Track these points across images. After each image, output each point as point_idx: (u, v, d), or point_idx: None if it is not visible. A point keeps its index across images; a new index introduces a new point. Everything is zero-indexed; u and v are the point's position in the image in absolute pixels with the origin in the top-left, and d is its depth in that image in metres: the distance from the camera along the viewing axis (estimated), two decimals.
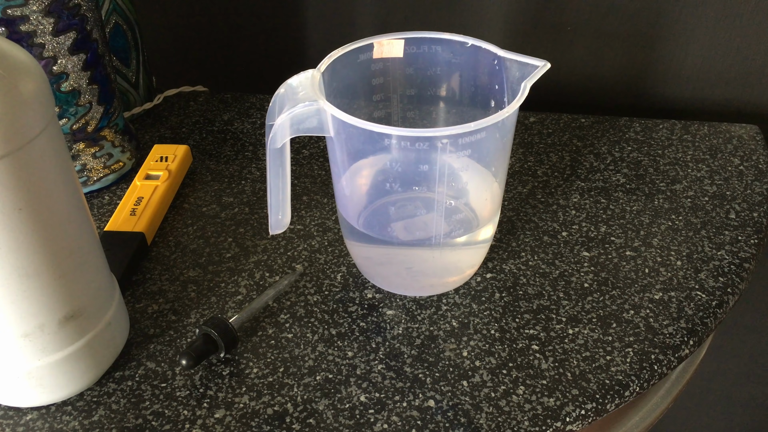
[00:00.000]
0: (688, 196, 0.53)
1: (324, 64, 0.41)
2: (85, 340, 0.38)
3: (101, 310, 0.39)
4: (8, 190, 0.32)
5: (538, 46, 0.65)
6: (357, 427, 0.37)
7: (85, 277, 0.37)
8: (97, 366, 0.40)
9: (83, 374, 0.39)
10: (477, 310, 0.44)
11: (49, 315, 0.36)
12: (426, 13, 0.65)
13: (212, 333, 0.40)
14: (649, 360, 0.41)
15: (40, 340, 0.36)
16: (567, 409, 0.38)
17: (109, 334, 0.40)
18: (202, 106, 0.66)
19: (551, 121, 0.62)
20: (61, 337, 0.37)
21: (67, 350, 0.38)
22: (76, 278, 0.37)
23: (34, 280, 0.35)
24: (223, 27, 0.70)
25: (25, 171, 0.32)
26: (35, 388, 0.38)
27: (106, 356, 0.40)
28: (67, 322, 0.37)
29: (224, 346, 0.40)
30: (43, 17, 0.47)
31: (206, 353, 0.40)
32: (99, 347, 0.39)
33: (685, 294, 0.45)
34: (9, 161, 0.31)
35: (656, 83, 0.65)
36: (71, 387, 0.39)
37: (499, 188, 0.43)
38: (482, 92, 0.43)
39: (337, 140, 0.40)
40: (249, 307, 0.43)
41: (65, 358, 0.38)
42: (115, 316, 0.40)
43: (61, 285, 0.36)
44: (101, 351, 0.40)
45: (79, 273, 0.37)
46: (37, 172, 0.33)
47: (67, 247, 0.36)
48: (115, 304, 0.41)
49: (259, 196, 0.54)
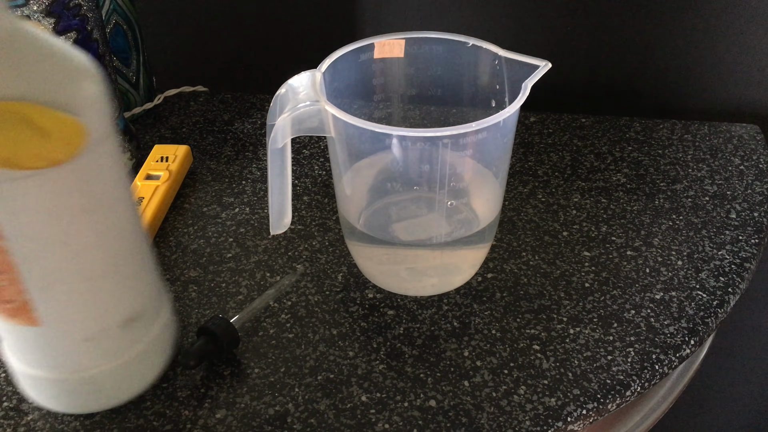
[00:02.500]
0: (689, 195, 0.53)
1: (325, 64, 0.41)
2: (144, 343, 0.38)
3: (157, 313, 0.39)
4: (76, 193, 0.31)
5: (538, 46, 0.65)
6: (358, 427, 0.37)
7: (143, 279, 0.37)
8: (154, 369, 0.40)
9: (142, 378, 0.39)
10: (478, 309, 0.44)
11: (111, 319, 0.36)
12: (426, 13, 0.65)
13: (214, 333, 0.40)
14: (650, 360, 0.41)
15: (101, 345, 0.36)
16: (568, 408, 0.38)
17: (164, 336, 0.40)
18: (202, 106, 0.66)
19: (551, 121, 0.62)
20: (122, 341, 0.37)
21: (127, 354, 0.37)
22: (135, 281, 0.37)
23: (99, 282, 0.34)
24: (223, 27, 0.70)
25: (92, 173, 0.32)
26: (93, 393, 0.38)
27: (163, 359, 0.40)
28: (127, 326, 0.37)
29: (226, 346, 0.40)
30: (43, 17, 0.47)
31: (208, 353, 0.40)
32: (156, 350, 0.39)
33: (686, 294, 0.45)
34: (78, 164, 0.31)
35: (657, 83, 0.65)
36: (130, 391, 0.39)
37: (500, 188, 0.43)
38: (483, 92, 0.43)
39: (338, 140, 0.40)
40: (250, 306, 0.43)
41: (125, 362, 0.37)
42: (169, 318, 0.40)
43: (122, 288, 0.36)
44: (158, 354, 0.40)
45: (138, 276, 0.37)
46: (102, 174, 0.33)
47: (128, 250, 0.36)
48: (169, 307, 0.41)
49: (259, 196, 0.54)
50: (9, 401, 0.39)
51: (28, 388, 0.38)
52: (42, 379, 0.37)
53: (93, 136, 0.31)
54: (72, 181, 0.31)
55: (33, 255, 0.32)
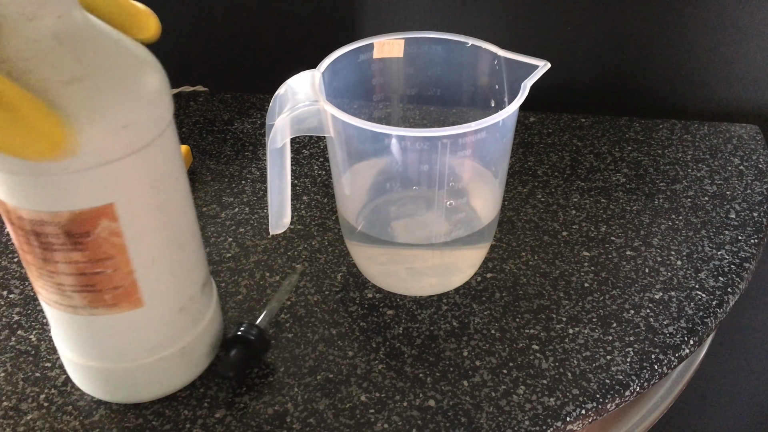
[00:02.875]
0: (688, 195, 0.53)
1: (324, 64, 0.41)
2: (214, 304, 0.41)
3: (211, 281, 0.42)
4: (166, 162, 0.34)
5: (538, 46, 0.65)
6: (357, 426, 0.37)
7: (202, 244, 0.40)
8: (219, 332, 0.42)
9: (217, 340, 0.41)
10: (477, 309, 0.44)
11: (195, 284, 0.38)
12: (426, 13, 0.65)
13: (247, 340, 0.40)
14: (649, 360, 0.41)
15: (191, 312, 0.38)
16: (567, 408, 0.38)
17: (217, 308, 0.42)
18: (202, 106, 0.66)
19: (551, 121, 0.62)
20: (201, 306, 0.39)
21: (207, 316, 0.40)
22: (201, 245, 0.39)
23: (186, 248, 0.37)
24: (223, 27, 0.70)
25: (170, 146, 0.34)
26: (186, 364, 0.39)
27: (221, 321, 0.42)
28: (203, 290, 0.39)
29: (259, 353, 0.40)
30: None
31: (245, 362, 0.40)
32: (217, 319, 0.41)
33: (686, 294, 0.45)
34: (164, 137, 0.33)
35: (657, 83, 0.65)
36: (210, 356, 0.41)
37: (500, 188, 0.43)
38: (482, 92, 0.43)
39: (337, 140, 0.40)
40: (269, 308, 0.43)
41: (208, 323, 0.39)
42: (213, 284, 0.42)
43: (199, 252, 0.38)
44: (219, 318, 0.42)
45: (200, 239, 0.39)
46: (174, 148, 0.35)
47: (194, 215, 0.38)
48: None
49: (259, 196, 0.54)
50: (8, 401, 0.39)
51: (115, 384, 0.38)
52: (141, 366, 0.37)
53: (166, 120, 0.33)
54: (162, 152, 0.33)
55: (139, 231, 0.33)
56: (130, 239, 0.33)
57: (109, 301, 0.34)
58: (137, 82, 0.31)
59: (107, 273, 0.33)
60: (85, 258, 0.32)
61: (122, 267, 0.33)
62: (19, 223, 0.32)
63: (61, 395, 0.40)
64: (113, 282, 0.34)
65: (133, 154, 0.31)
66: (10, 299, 0.46)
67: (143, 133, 0.31)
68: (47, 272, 0.33)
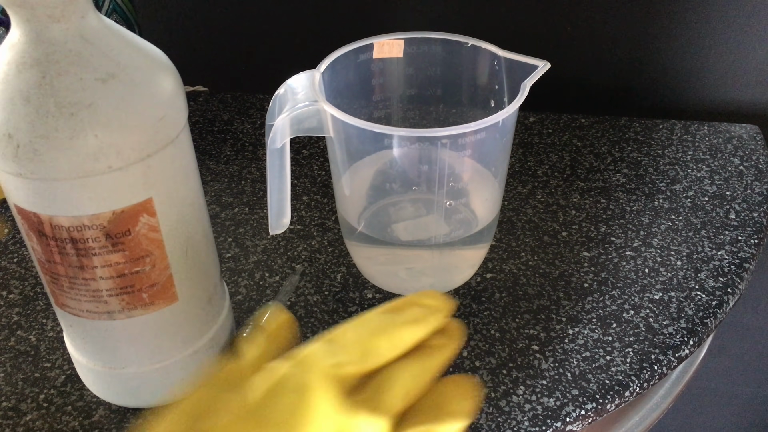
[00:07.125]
0: (688, 196, 0.53)
1: (324, 64, 0.41)
2: (227, 293, 0.41)
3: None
4: (189, 155, 0.34)
5: (538, 46, 0.65)
6: None
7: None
8: (233, 321, 0.42)
9: (233, 329, 0.42)
10: (477, 310, 0.44)
11: (218, 273, 0.39)
12: (425, 13, 0.65)
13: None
14: (649, 360, 0.41)
15: (216, 301, 0.38)
16: (567, 409, 0.38)
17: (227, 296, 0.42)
18: (202, 106, 0.66)
19: (551, 121, 0.62)
20: (223, 294, 0.40)
21: (226, 304, 0.40)
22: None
23: (209, 238, 0.37)
24: (223, 27, 0.70)
25: (188, 141, 0.35)
26: (212, 357, 0.39)
27: (232, 310, 0.43)
28: (221, 279, 0.40)
29: None
30: None
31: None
32: (230, 303, 0.42)
33: (685, 294, 0.45)
34: (184, 133, 0.33)
35: (657, 83, 0.65)
36: (227, 348, 0.41)
37: (499, 188, 0.43)
38: (482, 92, 0.43)
39: (337, 140, 0.40)
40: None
41: (227, 312, 0.40)
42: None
43: (214, 242, 0.39)
44: (231, 307, 0.42)
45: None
46: (190, 143, 0.35)
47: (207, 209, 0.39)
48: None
49: (259, 196, 0.54)
50: (8, 401, 0.39)
51: (152, 387, 0.38)
52: (175, 363, 0.37)
53: (186, 111, 0.34)
54: (187, 143, 0.34)
55: (173, 223, 0.33)
56: (166, 233, 0.33)
57: (147, 299, 0.34)
58: (163, 74, 0.32)
59: (145, 271, 0.33)
60: (125, 258, 0.32)
61: (159, 263, 0.33)
62: (54, 233, 0.31)
63: (61, 396, 0.40)
64: (151, 279, 0.34)
65: (167, 147, 0.32)
66: (9, 299, 0.46)
67: (175, 125, 0.32)
68: (82, 280, 0.33)
